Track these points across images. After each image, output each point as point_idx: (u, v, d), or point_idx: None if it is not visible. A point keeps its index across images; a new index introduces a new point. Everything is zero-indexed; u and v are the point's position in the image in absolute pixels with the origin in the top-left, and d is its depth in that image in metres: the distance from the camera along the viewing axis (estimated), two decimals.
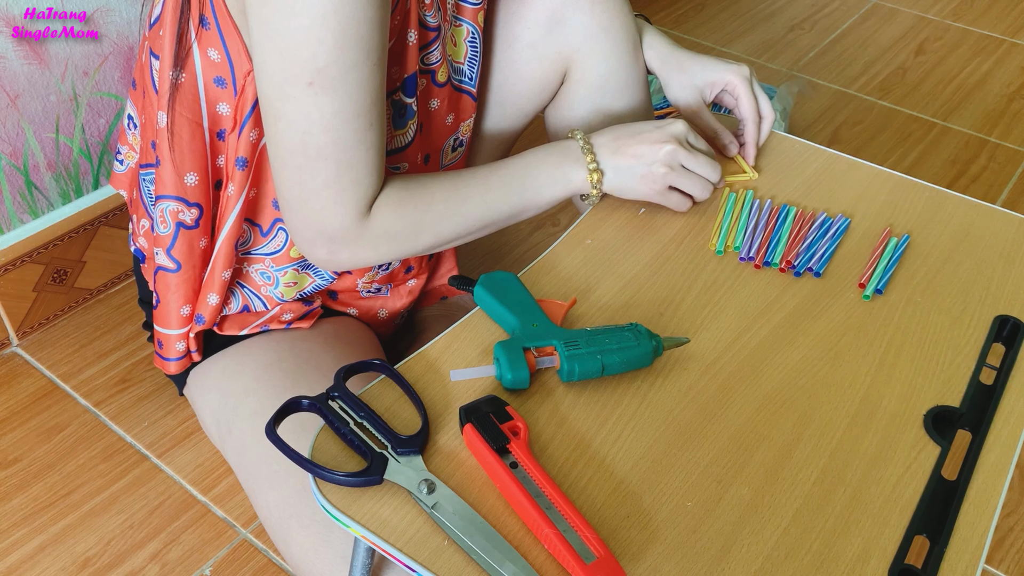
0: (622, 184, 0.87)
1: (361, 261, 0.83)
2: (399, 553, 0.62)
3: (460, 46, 0.96)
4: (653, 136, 0.86)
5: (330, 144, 0.75)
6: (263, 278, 0.95)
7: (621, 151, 0.86)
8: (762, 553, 0.64)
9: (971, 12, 2.20)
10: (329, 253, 0.82)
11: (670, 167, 0.86)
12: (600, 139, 0.87)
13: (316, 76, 0.72)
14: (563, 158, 0.87)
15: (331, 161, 0.76)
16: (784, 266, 0.86)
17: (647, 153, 0.86)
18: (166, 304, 0.93)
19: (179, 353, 0.97)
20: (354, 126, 0.76)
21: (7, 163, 1.21)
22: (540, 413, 0.72)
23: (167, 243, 0.91)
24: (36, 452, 1.17)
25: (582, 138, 0.87)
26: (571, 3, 0.99)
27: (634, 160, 0.86)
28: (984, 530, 0.66)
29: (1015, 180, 1.71)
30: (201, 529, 1.10)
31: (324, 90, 0.73)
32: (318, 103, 0.74)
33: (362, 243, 0.81)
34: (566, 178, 0.87)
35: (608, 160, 0.86)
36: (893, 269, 0.86)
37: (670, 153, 0.86)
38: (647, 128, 0.87)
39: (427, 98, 0.94)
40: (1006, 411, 0.75)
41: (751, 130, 0.98)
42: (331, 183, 0.77)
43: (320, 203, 0.78)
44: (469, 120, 1.01)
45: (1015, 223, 0.93)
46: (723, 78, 0.99)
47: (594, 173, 0.86)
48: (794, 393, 0.75)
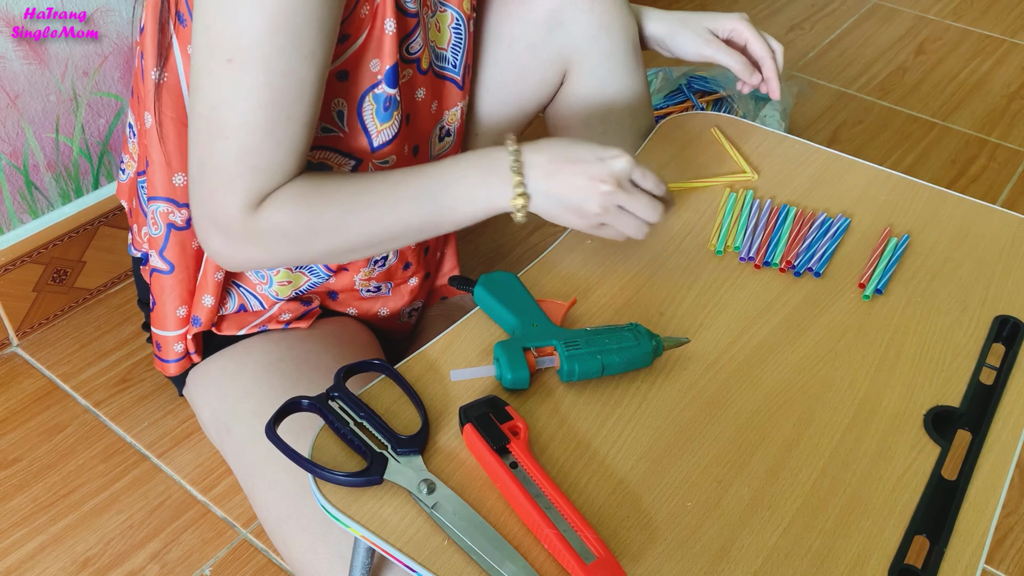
0: (550, 212, 0.79)
1: (254, 260, 0.80)
2: (399, 553, 0.62)
3: (444, 32, 0.94)
4: (592, 170, 0.77)
5: (236, 125, 0.73)
6: (257, 276, 0.95)
7: (554, 177, 0.77)
8: (762, 553, 0.64)
9: (971, 12, 2.20)
10: (220, 246, 0.79)
11: (604, 208, 0.78)
12: (534, 157, 0.78)
13: (237, 53, 0.71)
14: (488, 174, 0.78)
15: (232, 141, 0.73)
16: (784, 266, 0.86)
17: (582, 188, 0.77)
18: (162, 306, 0.93)
19: (177, 355, 0.97)
20: (267, 113, 0.73)
21: (7, 163, 1.21)
22: (540, 413, 0.72)
23: (159, 245, 0.91)
24: (36, 452, 1.17)
25: (514, 152, 0.78)
26: (570, 4, 0.99)
27: (567, 191, 0.77)
28: (984, 530, 0.66)
29: (1015, 180, 1.71)
30: (201, 529, 1.10)
31: (243, 68, 0.71)
32: (234, 79, 0.72)
33: (252, 239, 0.77)
34: (488, 197, 0.78)
35: (538, 183, 0.77)
36: (893, 269, 0.86)
37: (606, 195, 0.77)
38: (588, 157, 0.78)
39: (412, 88, 0.93)
40: (1006, 411, 0.75)
41: (770, 65, 1.02)
42: (227, 165, 0.74)
43: (213, 184, 0.75)
44: (455, 109, 0.99)
45: (1015, 223, 0.93)
46: (726, 25, 1.02)
47: (519, 197, 0.77)
48: (794, 393, 0.75)
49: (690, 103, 1.68)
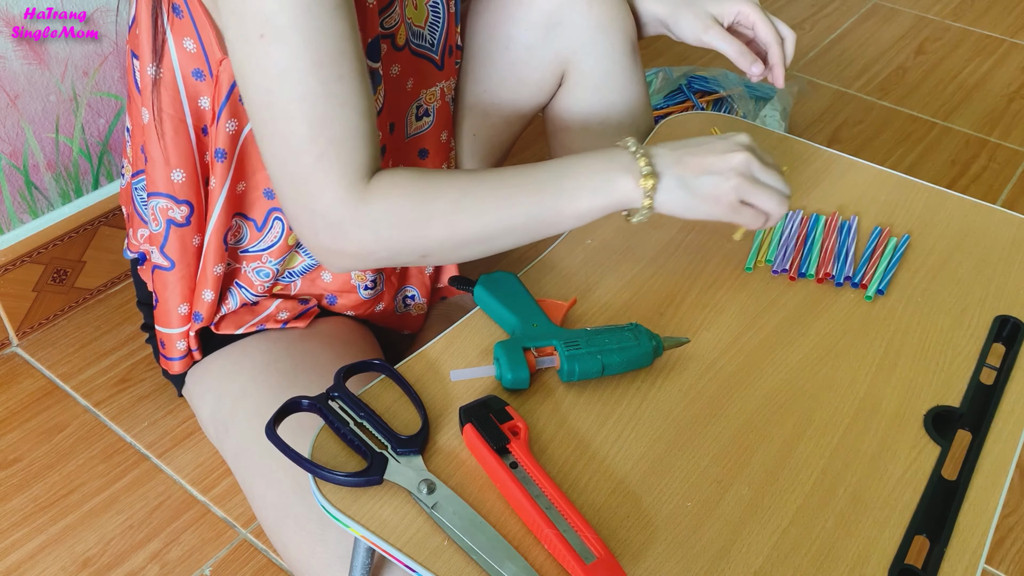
0: (681, 199, 0.76)
1: (366, 249, 0.74)
2: (399, 553, 0.62)
3: (421, 9, 0.93)
4: (720, 146, 0.77)
5: (295, 100, 0.69)
6: (260, 276, 0.95)
7: (682, 162, 0.76)
8: (762, 553, 0.64)
9: (971, 12, 2.20)
10: (330, 239, 0.73)
11: (743, 177, 0.76)
12: (656, 149, 0.77)
13: (266, 26, 0.68)
14: (609, 163, 0.76)
15: (300, 120, 0.70)
16: (822, 276, 0.85)
17: (715, 164, 0.76)
18: (165, 303, 0.94)
19: (181, 352, 0.97)
20: (318, 77, 0.69)
21: (7, 163, 1.21)
22: (540, 413, 0.72)
23: (160, 241, 0.91)
24: (36, 452, 1.17)
25: (634, 143, 0.76)
26: (568, 5, 0.98)
27: (700, 171, 0.75)
28: (984, 530, 0.66)
29: (1015, 180, 1.71)
30: (201, 529, 1.10)
31: (276, 39, 0.68)
32: (271, 54, 0.68)
33: (362, 223, 0.72)
34: (610, 185, 0.75)
35: (668, 167, 0.75)
36: (894, 269, 0.86)
37: (743, 162, 0.76)
38: (709, 140, 0.78)
39: (389, 63, 0.91)
40: (1006, 411, 0.75)
41: (776, 51, 0.95)
42: (306, 146, 0.70)
43: (302, 174, 0.71)
44: (434, 88, 0.98)
45: (1015, 223, 0.93)
46: (733, 8, 0.94)
47: (648, 179, 0.74)
48: (794, 393, 0.75)
49: (690, 103, 1.68)
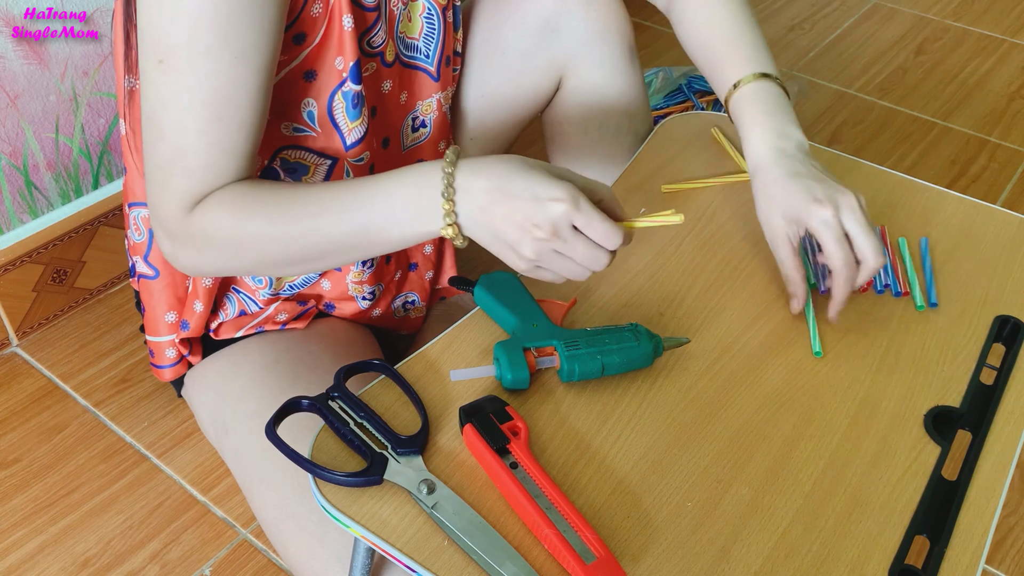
0: (484, 243, 0.72)
1: (195, 264, 0.79)
2: (399, 553, 0.62)
3: (416, 21, 0.93)
4: (527, 211, 0.68)
5: (169, 126, 0.73)
6: (255, 282, 0.95)
7: (488, 209, 0.70)
8: (762, 553, 0.64)
9: (971, 12, 2.20)
10: (167, 247, 0.79)
11: (537, 255, 0.70)
12: (471, 181, 0.70)
13: (167, 54, 0.71)
14: (417, 197, 0.71)
15: (167, 143, 0.74)
16: (865, 287, 0.84)
17: (515, 228, 0.69)
18: (151, 311, 0.94)
19: (170, 360, 0.97)
20: (198, 114, 0.73)
21: (7, 163, 1.21)
22: (540, 413, 0.72)
23: (143, 251, 0.91)
24: (36, 452, 1.17)
25: (447, 176, 0.70)
26: (564, 10, 0.98)
27: (500, 227, 0.70)
28: (984, 530, 0.66)
29: (1015, 180, 1.71)
30: (201, 529, 1.10)
31: (171, 70, 0.72)
32: (166, 80, 0.72)
33: (188, 241, 0.76)
34: (418, 221, 0.72)
35: (471, 214, 0.70)
36: (931, 275, 0.86)
37: (539, 242, 0.69)
38: (525, 194, 0.68)
39: (377, 81, 0.91)
40: (1006, 411, 0.75)
41: (838, 283, 0.78)
42: (164, 165, 0.75)
43: (154, 185, 0.76)
44: (430, 99, 0.98)
45: (1015, 223, 0.93)
46: (816, 217, 0.78)
47: (449, 227, 0.71)
48: (794, 393, 0.75)
49: (690, 103, 1.68)
